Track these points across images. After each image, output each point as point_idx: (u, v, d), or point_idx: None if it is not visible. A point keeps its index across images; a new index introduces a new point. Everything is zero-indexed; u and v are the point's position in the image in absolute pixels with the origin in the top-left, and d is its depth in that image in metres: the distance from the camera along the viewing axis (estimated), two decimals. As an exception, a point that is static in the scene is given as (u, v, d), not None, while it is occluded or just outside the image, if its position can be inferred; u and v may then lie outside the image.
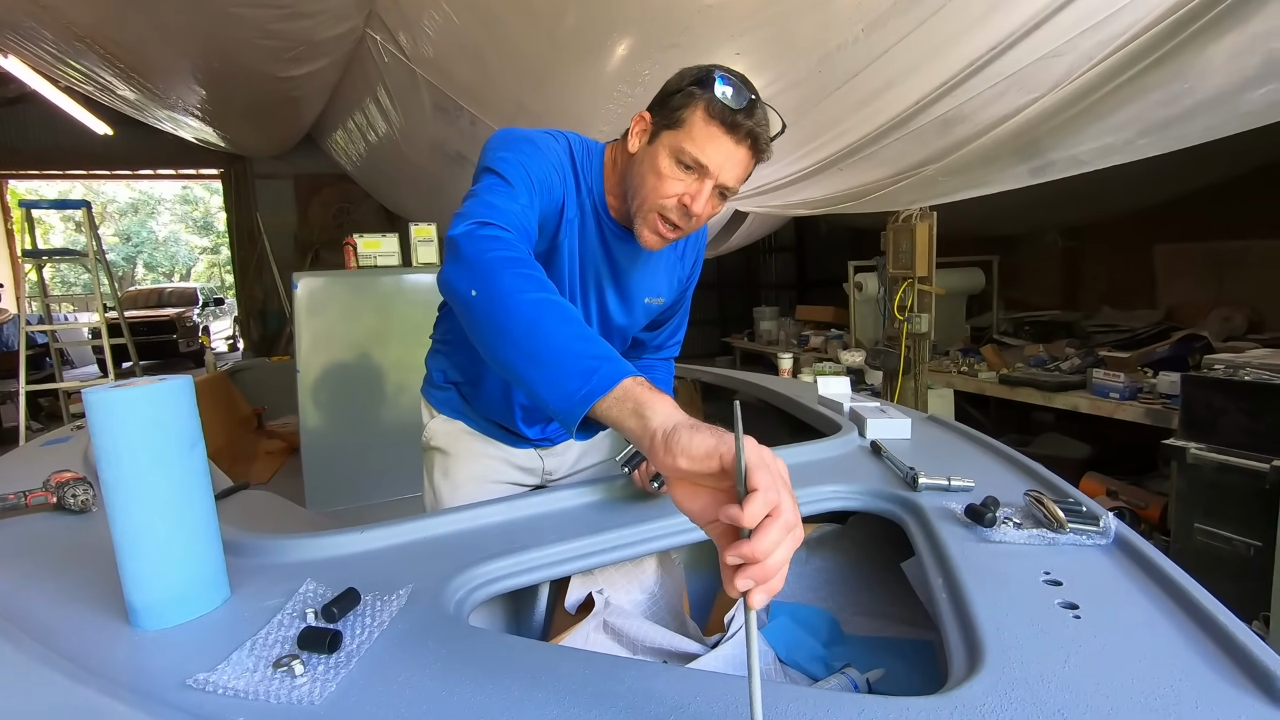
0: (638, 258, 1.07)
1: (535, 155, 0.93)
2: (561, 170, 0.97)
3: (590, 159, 1.01)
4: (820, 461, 1.15)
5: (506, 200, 0.85)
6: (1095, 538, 0.80)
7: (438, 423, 1.21)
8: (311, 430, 2.92)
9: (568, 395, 0.61)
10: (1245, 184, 3.65)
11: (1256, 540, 2.27)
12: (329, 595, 0.72)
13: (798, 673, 0.89)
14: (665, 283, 1.14)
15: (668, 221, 0.93)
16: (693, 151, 0.88)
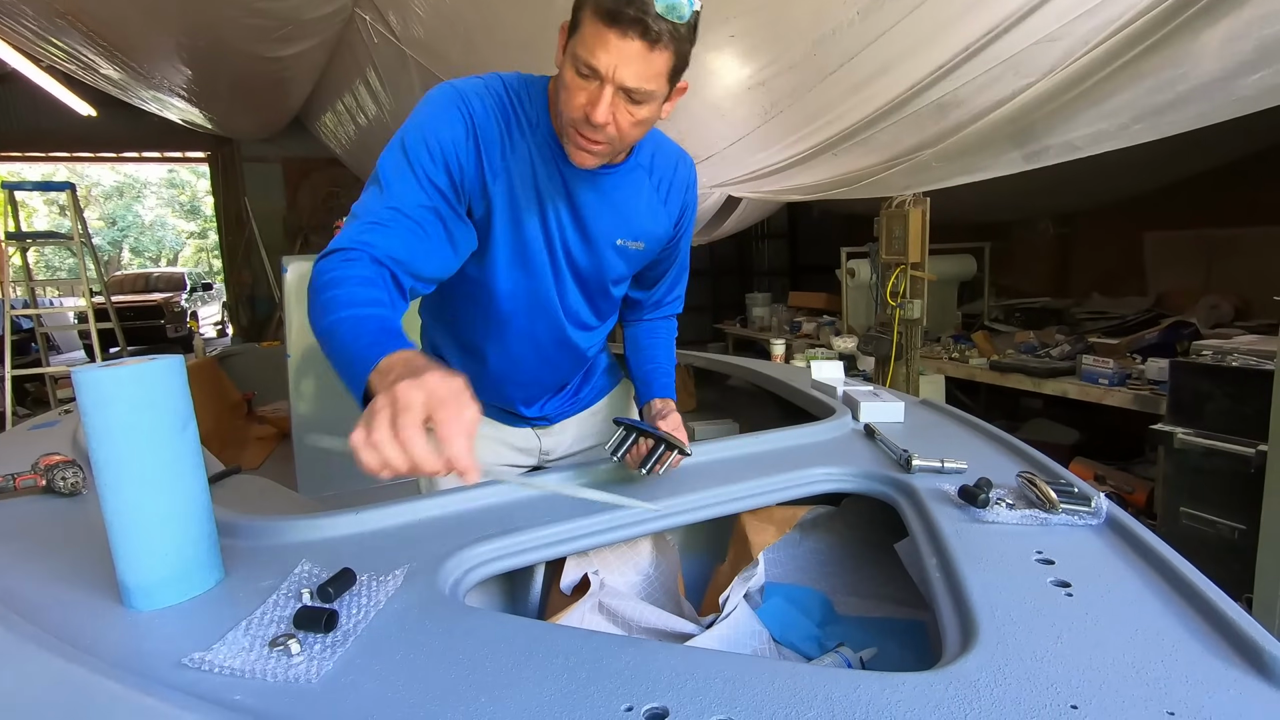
0: (604, 195, 1.01)
1: (433, 132, 0.89)
2: (482, 126, 0.91)
3: (531, 94, 0.95)
4: (814, 444, 1.16)
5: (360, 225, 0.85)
6: (1087, 518, 0.81)
7: None
8: (302, 415, 2.91)
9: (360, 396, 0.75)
10: (1234, 172, 3.67)
11: (1241, 524, 2.30)
12: (324, 576, 0.72)
13: (792, 652, 0.90)
14: (643, 225, 1.06)
15: (584, 136, 0.87)
16: (585, 56, 0.81)
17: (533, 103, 0.95)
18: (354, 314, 0.76)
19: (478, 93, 0.93)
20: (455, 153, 0.90)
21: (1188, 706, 0.49)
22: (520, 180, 0.95)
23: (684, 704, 0.52)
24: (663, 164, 1.08)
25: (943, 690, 0.52)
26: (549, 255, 1.02)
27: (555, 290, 1.05)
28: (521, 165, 0.95)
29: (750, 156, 3.45)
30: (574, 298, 1.09)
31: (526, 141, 0.95)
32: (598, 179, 1.00)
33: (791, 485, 1.01)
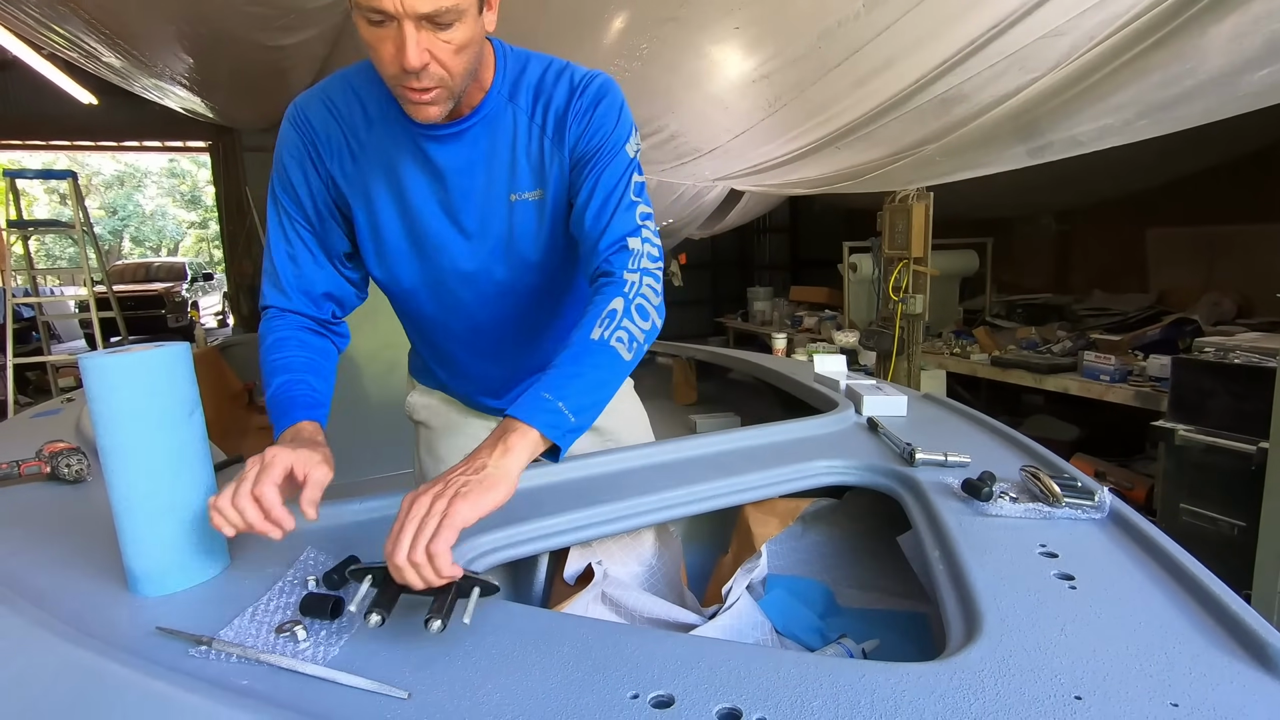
0: (474, 151, 0.92)
1: (280, 165, 0.93)
2: (321, 135, 0.91)
3: (374, 78, 0.90)
4: (817, 437, 1.16)
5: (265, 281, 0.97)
6: (1090, 512, 0.81)
7: (417, 395, 1.20)
8: (304, 405, 2.92)
9: None
10: (1236, 169, 3.67)
11: (1241, 520, 2.31)
12: (330, 563, 0.72)
13: (794, 643, 0.90)
14: (533, 171, 0.94)
15: (411, 89, 0.79)
16: (367, 2, 0.73)
17: (377, 85, 0.90)
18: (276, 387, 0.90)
19: (315, 102, 0.92)
20: (303, 177, 0.93)
21: (1191, 698, 0.50)
22: (383, 170, 0.92)
23: (689, 692, 0.52)
24: (541, 92, 0.93)
25: (947, 680, 0.52)
26: (442, 235, 0.96)
27: (472, 267, 0.98)
28: (379, 155, 0.92)
29: (753, 150, 3.44)
30: (500, 269, 0.99)
31: (377, 130, 0.91)
32: (461, 138, 0.91)
33: (794, 478, 1.01)
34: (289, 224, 0.95)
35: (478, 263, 0.99)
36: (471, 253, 0.98)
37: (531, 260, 0.99)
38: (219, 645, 0.58)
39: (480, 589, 0.60)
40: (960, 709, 0.50)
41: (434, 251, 0.97)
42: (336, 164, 0.92)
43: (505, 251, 0.98)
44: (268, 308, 0.97)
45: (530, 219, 0.96)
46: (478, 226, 0.96)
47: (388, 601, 0.60)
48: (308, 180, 0.93)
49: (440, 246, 0.97)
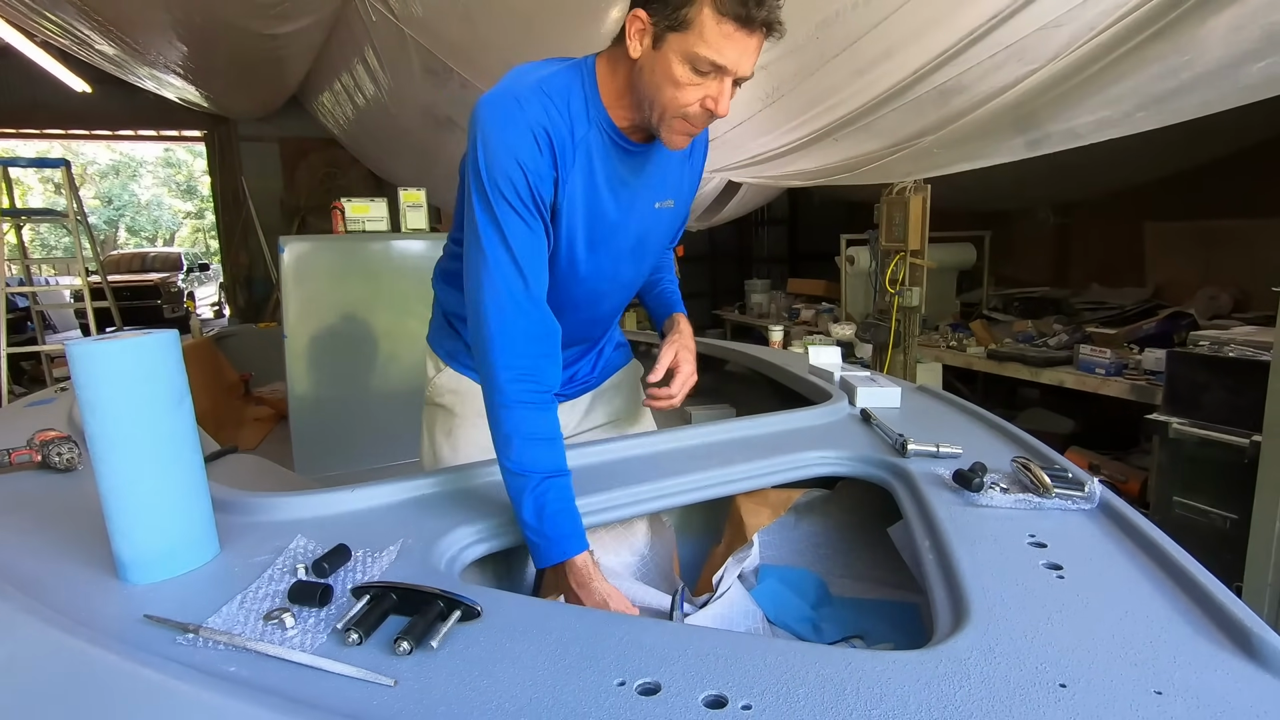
0: (646, 166, 1.03)
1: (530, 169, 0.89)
2: (554, 133, 0.91)
3: (586, 85, 0.95)
4: (810, 428, 1.16)
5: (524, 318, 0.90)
6: (1080, 502, 0.81)
7: (445, 377, 1.19)
8: (300, 396, 2.90)
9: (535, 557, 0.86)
10: (1234, 163, 3.66)
11: (1233, 513, 2.32)
12: (319, 551, 0.72)
13: (786, 632, 0.90)
14: (674, 184, 1.10)
15: (692, 124, 0.90)
16: (709, 56, 0.83)
17: (592, 94, 0.95)
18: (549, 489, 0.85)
19: (536, 99, 0.91)
20: (537, 180, 0.91)
21: (1175, 686, 0.50)
22: (582, 174, 0.96)
23: (676, 679, 0.52)
24: None
25: (934, 668, 0.53)
26: (613, 233, 1.03)
27: (618, 264, 1.08)
28: (584, 159, 0.96)
29: (751, 141, 3.43)
30: (630, 268, 1.11)
31: (589, 136, 0.95)
32: (648, 154, 1.01)
33: (787, 468, 1.02)
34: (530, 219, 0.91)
35: (621, 258, 1.08)
36: (620, 249, 1.06)
37: (649, 259, 1.14)
38: (206, 633, 0.58)
39: (462, 613, 0.60)
40: (945, 696, 0.50)
41: (595, 246, 1.02)
42: (551, 169, 0.93)
43: (641, 251, 1.10)
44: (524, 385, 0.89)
45: (663, 224, 1.11)
46: (634, 228, 1.06)
47: (375, 621, 0.59)
48: (543, 178, 0.92)
49: (602, 244, 1.03)
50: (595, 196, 0.98)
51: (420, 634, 0.56)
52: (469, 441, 1.15)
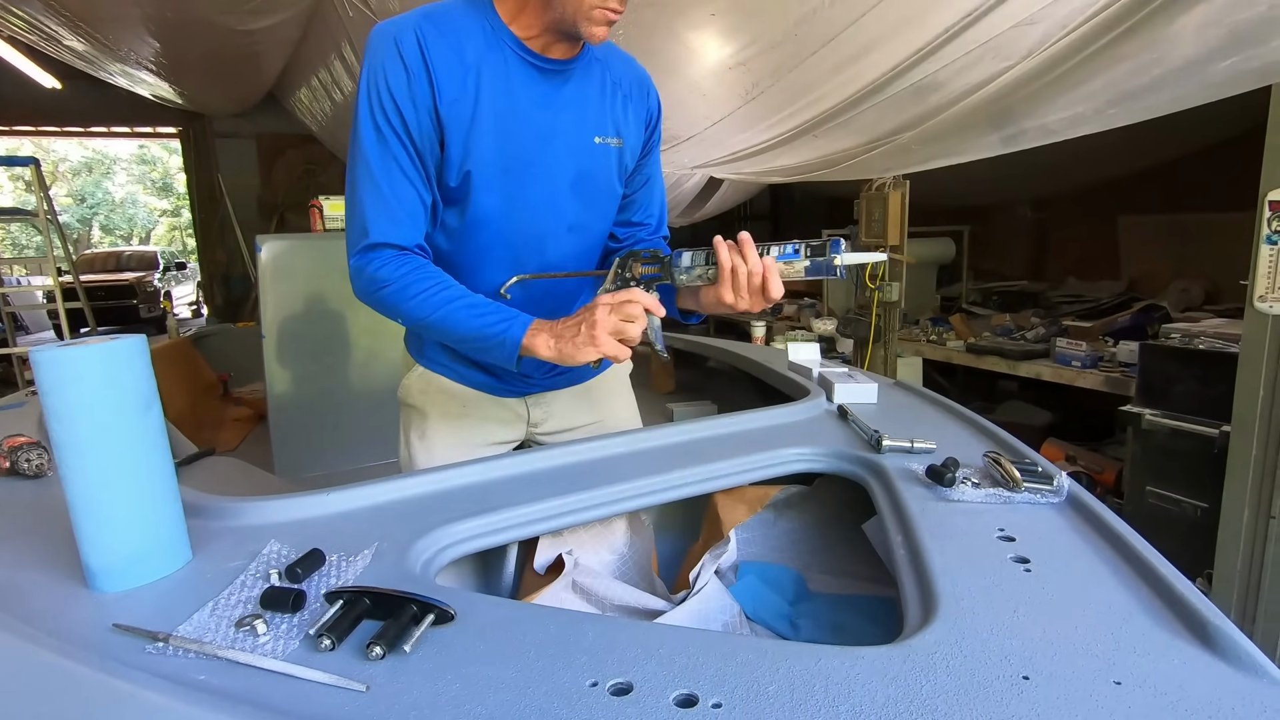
0: (568, 87, 1.01)
1: (400, 95, 0.91)
2: (440, 63, 0.92)
3: (480, 4, 0.96)
4: (788, 425, 1.17)
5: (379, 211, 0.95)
6: (1049, 496, 0.82)
7: (415, 377, 1.18)
8: (279, 397, 2.87)
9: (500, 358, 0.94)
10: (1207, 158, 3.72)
11: (1203, 502, 2.37)
12: (293, 556, 0.72)
13: (763, 629, 0.91)
14: (617, 120, 1.07)
15: (610, 9, 0.90)
16: None
17: (479, 15, 0.96)
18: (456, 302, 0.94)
19: (421, 24, 0.92)
20: (411, 104, 0.92)
21: (1133, 675, 0.51)
22: (486, 95, 0.95)
23: (648, 679, 0.53)
24: (617, 61, 1.09)
25: (900, 663, 0.53)
26: (533, 161, 1.01)
27: (552, 197, 1.04)
28: (485, 80, 0.95)
29: (732, 137, 3.43)
30: (574, 205, 1.07)
31: (488, 57, 0.95)
32: (567, 74, 1.00)
33: (765, 465, 1.02)
34: (400, 152, 0.94)
35: (559, 192, 1.05)
36: (556, 181, 1.04)
37: (599, 203, 1.11)
38: (176, 641, 0.58)
39: (435, 616, 0.60)
40: (912, 691, 0.51)
41: (524, 176, 1.01)
42: (443, 88, 0.93)
43: (584, 188, 1.06)
44: (380, 245, 0.96)
45: (607, 163, 1.07)
46: (566, 158, 1.03)
47: (348, 627, 0.59)
48: (416, 107, 0.93)
49: (530, 172, 1.01)
50: (507, 117, 0.97)
51: (393, 638, 0.56)
52: (443, 440, 1.15)
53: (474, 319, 0.94)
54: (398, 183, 0.95)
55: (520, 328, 0.92)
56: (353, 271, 0.98)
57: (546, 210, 1.05)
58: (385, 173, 0.94)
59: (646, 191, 1.19)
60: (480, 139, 0.96)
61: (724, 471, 0.99)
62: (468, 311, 0.94)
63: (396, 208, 0.96)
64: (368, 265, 0.96)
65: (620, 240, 1.21)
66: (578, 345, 0.90)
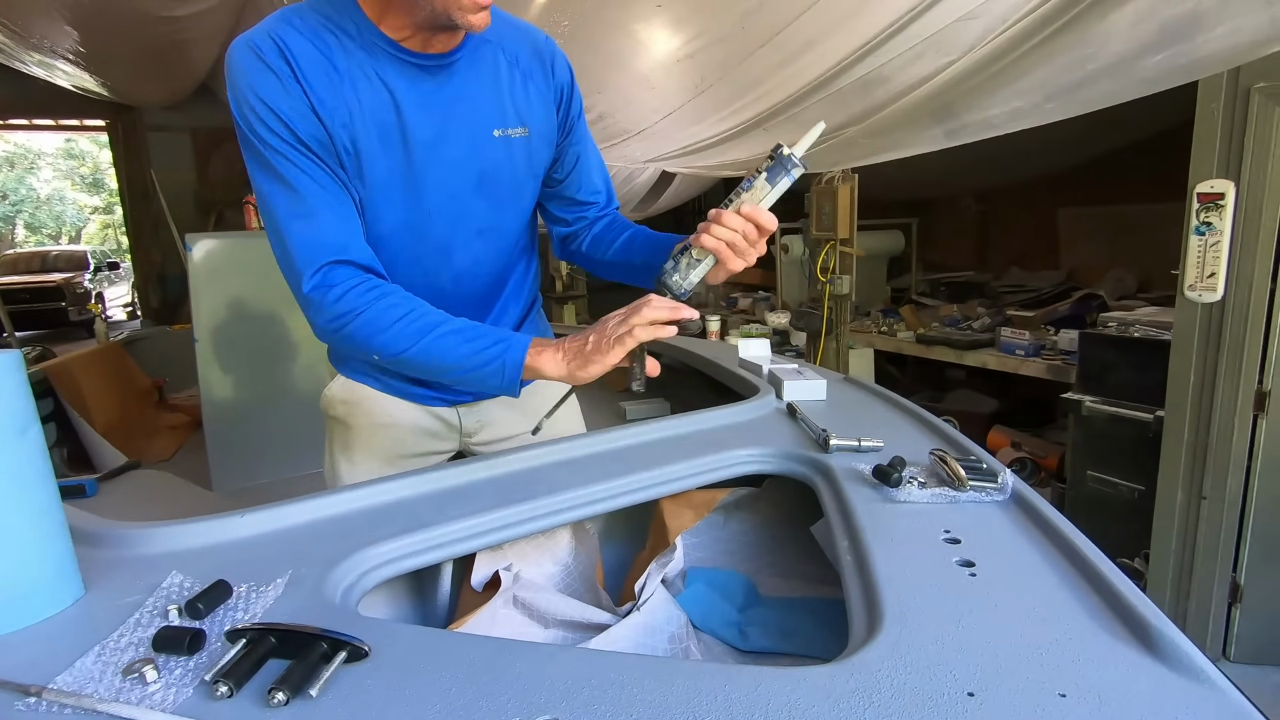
0: (454, 82, 0.92)
1: (282, 108, 0.82)
2: (310, 72, 0.83)
3: (342, 8, 0.86)
4: (737, 425, 1.15)
5: (313, 229, 0.86)
6: (993, 494, 0.82)
7: (337, 386, 1.11)
8: (214, 403, 2.74)
9: (498, 388, 0.87)
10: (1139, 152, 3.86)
11: (1141, 484, 2.45)
12: (196, 588, 0.66)
13: (712, 638, 0.89)
14: (519, 108, 0.97)
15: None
16: None
17: (348, 13, 0.87)
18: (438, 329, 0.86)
19: (283, 29, 0.84)
20: (293, 111, 0.84)
21: (1078, 686, 0.50)
22: (367, 101, 0.87)
23: (577, 713, 0.49)
24: (510, 35, 0.98)
25: (843, 683, 0.51)
26: (429, 167, 0.93)
27: (456, 201, 0.96)
28: (362, 84, 0.87)
29: (682, 131, 3.41)
30: (482, 205, 0.99)
31: (358, 58, 0.87)
32: (451, 69, 0.91)
33: (712, 468, 1.00)
34: (307, 162, 0.85)
35: (461, 196, 0.97)
36: (456, 185, 0.96)
37: (509, 201, 1.02)
38: (50, 695, 0.52)
39: (348, 653, 0.55)
40: (855, 713, 0.48)
41: (420, 184, 0.94)
42: (320, 95, 0.85)
43: (489, 187, 0.99)
44: (336, 264, 0.86)
45: (512, 156, 0.99)
46: (464, 158, 0.95)
47: (249, 669, 0.54)
48: (299, 112, 0.84)
49: (426, 179, 0.94)
50: (392, 125, 0.89)
51: (298, 681, 0.51)
52: (368, 452, 1.09)
53: (462, 346, 0.85)
54: (320, 194, 0.86)
55: (519, 349, 0.84)
56: (310, 305, 0.87)
57: (450, 217, 0.97)
58: (303, 188, 0.85)
59: (581, 169, 1.10)
60: (366, 151, 0.89)
61: (670, 476, 0.96)
62: (454, 339, 0.85)
63: (332, 220, 0.86)
64: (326, 295, 0.85)
65: (571, 224, 1.15)
66: (590, 356, 0.83)
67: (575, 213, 1.14)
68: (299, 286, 0.87)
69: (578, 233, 1.15)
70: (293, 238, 0.86)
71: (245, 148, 0.86)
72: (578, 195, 1.12)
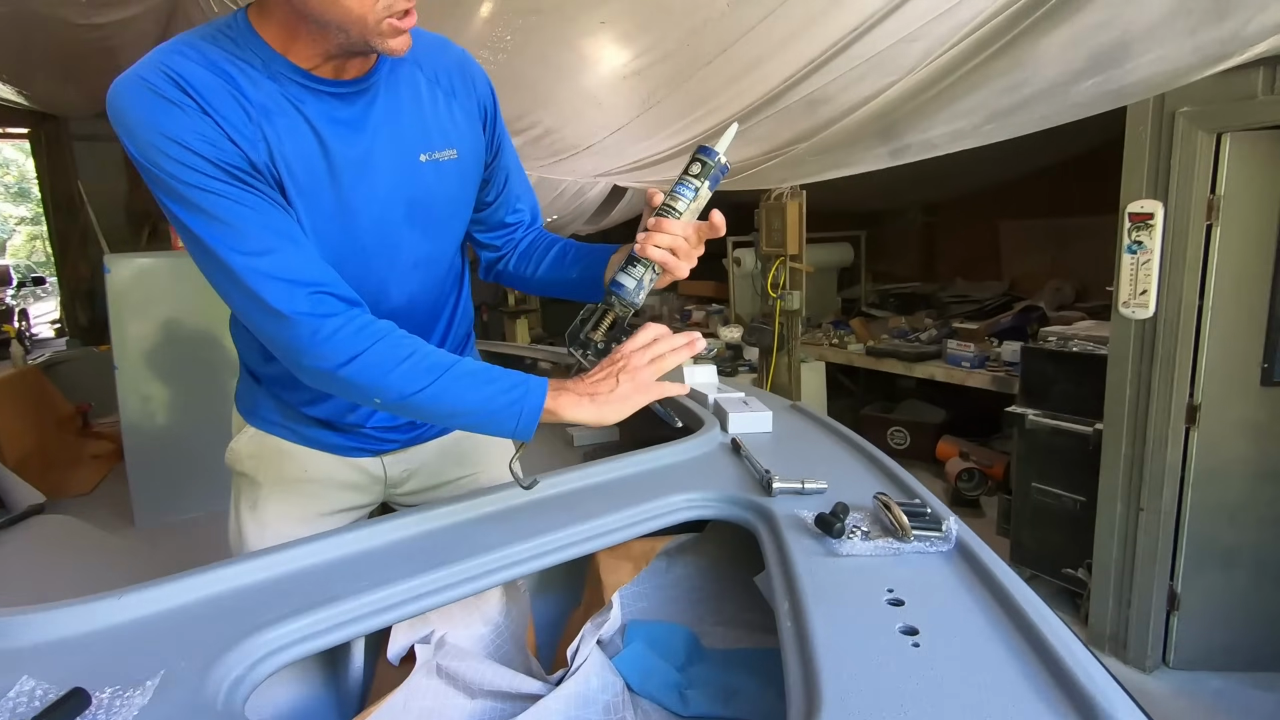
0: (375, 108, 0.85)
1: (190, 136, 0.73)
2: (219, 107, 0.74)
3: (243, 41, 0.78)
4: (678, 465, 1.10)
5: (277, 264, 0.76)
6: (938, 544, 0.79)
7: (245, 439, 1.02)
8: (137, 432, 2.58)
9: (511, 433, 0.80)
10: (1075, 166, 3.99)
11: (1082, 496, 2.51)
12: (51, 696, 0.57)
13: (650, 704, 0.83)
14: (445, 130, 0.91)
15: (397, 13, 0.74)
16: None
17: (244, 44, 0.78)
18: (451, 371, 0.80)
19: (178, 61, 0.75)
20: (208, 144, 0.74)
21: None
22: (278, 132, 0.79)
23: None
24: (428, 52, 0.92)
25: (776, 793, 0.46)
26: (353, 199, 0.86)
27: (384, 233, 0.89)
28: (273, 115, 0.79)
29: (632, 146, 3.38)
30: (413, 235, 0.92)
31: (265, 88, 0.78)
32: (367, 94, 0.84)
33: (652, 516, 0.95)
34: (238, 192, 0.75)
35: (394, 228, 0.91)
36: (387, 217, 0.90)
37: (443, 228, 0.97)
38: None
39: None
40: (788, 831, 0.44)
41: (351, 219, 0.87)
42: (232, 123, 0.76)
43: (421, 216, 0.93)
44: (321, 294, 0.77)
45: (443, 181, 0.93)
46: (393, 187, 0.89)
47: None
48: (209, 138, 0.74)
49: (357, 213, 0.87)
50: (310, 160, 0.82)
51: None
52: (277, 515, 1.00)
53: (477, 390, 0.79)
54: (268, 224, 0.76)
55: (538, 394, 0.79)
56: (300, 351, 0.77)
57: (385, 252, 0.91)
58: (244, 221, 0.75)
59: (509, 189, 1.05)
60: (292, 188, 0.81)
61: (607, 527, 0.91)
62: (468, 381, 0.79)
63: (293, 252, 0.77)
64: (316, 337, 0.76)
65: (500, 249, 1.10)
66: (618, 398, 0.80)
67: (504, 235, 1.09)
68: (277, 331, 0.77)
69: (505, 254, 1.10)
70: (252, 278, 0.75)
71: (164, 194, 0.75)
72: (506, 217, 1.07)
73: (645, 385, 0.81)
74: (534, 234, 1.10)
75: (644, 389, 0.81)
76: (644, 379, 0.81)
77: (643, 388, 0.81)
